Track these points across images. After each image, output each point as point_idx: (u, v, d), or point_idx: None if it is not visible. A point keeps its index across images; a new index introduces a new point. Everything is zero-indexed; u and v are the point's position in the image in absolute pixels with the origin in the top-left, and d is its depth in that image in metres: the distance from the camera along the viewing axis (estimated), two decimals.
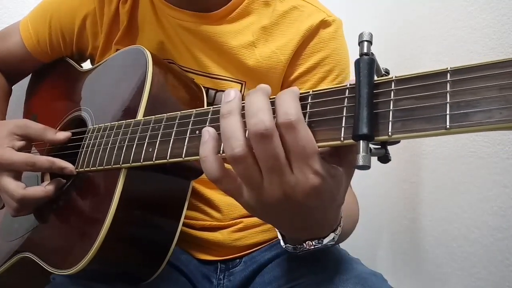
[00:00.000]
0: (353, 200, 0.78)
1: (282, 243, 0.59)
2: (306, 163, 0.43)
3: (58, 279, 0.74)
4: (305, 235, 0.55)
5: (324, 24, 0.82)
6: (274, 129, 0.43)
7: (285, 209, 0.48)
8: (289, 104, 0.43)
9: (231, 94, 0.47)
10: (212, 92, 0.85)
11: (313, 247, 0.55)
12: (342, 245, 0.83)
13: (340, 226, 0.56)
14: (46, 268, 0.72)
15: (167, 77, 0.77)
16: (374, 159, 0.42)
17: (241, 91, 0.84)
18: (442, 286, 1.03)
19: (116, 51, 0.87)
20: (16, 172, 0.76)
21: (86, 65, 0.98)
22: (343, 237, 0.62)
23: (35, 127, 0.79)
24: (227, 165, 0.47)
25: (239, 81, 0.84)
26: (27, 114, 1.02)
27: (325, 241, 0.55)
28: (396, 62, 1.22)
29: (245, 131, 0.45)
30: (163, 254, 0.71)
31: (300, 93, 0.46)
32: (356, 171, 0.52)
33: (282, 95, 0.44)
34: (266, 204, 0.48)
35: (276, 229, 0.59)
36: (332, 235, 0.55)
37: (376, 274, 0.73)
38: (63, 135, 0.79)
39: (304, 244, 0.56)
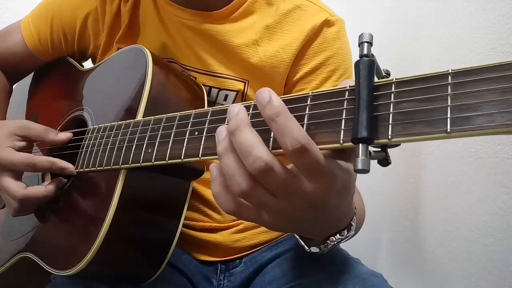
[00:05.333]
0: (357, 192, 0.78)
1: (306, 248, 0.59)
2: (319, 172, 0.43)
3: (59, 279, 0.74)
4: (329, 231, 0.55)
5: (327, 23, 0.82)
6: (273, 160, 0.42)
7: (311, 216, 0.48)
8: (292, 127, 0.41)
9: (223, 132, 0.46)
10: (215, 91, 0.85)
11: (336, 242, 0.55)
12: (342, 245, 0.83)
13: (355, 214, 0.57)
14: (46, 269, 0.72)
15: (167, 77, 0.77)
16: (374, 162, 0.42)
17: (244, 90, 0.84)
18: (442, 286, 1.03)
19: (118, 49, 0.87)
20: (16, 172, 0.76)
21: (88, 64, 0.98)
22: (358, 226, 0.62)
23: (36, 128, 0.79)
24: None
25: (242, 80, 0.84)
26: (28, 114, 1.01)
27: (346, 231, 0.55)
28: (396, 62, 1.22)
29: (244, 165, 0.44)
30: (163, 255, 0.70)
31: (299, 95, 0.46)
32: None
33: (280, 120, 0.41)
34: (289, 219, 0.48)
35: (296, 236, 0.59)
36: (351, 225, 0.56)
37: (376, 274, 0.73)
38: (64, 136, 0.79)
39: (327, 241, 0.56)
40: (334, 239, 0.55)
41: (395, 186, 1.24)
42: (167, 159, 0.57)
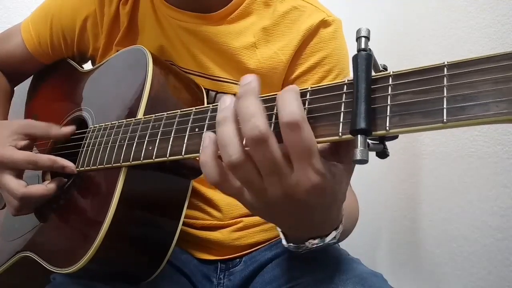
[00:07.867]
0: (353, 199, 0.78)
1: (284, 242, 0.58)
2: (308, 162, 0.43)
3: (59, 278, 0.74)
4: (308, 233, 0.55)
5: (324, 24, 0.83)
6: (269, 133, 0.42)
7: (287, 209, 0.48)
8: (292, 103, 0.42)
9: (227, 101, 0.46)
10: (212, 94, 0.85)
11: (315, 246, 0.55)
12: (342, 245, 0.83)
13: (341, 224, 0.56)
14: (47, 267, 0.72)
15: (168, 77, 0.77)
16: (372, 155, 0.42)
17: None
18: (442, 286, 1.03)
19: (117, 52, 0.87)
20: (17, 170, 0.76)
21: (88, 66, 0.99)
22: (344, 235, 0.62)
23: (38, 125, 0.80)
24: None
25: None
26: (28, 115, 1.02)
27: (327, 239, 0.55)
28: (395, 62, 1.22)
29: (241, 137, 0.44)
30: (163, 254, 0.71)
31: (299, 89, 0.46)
32: (356, 170, 0.52)
33: (284, 94, 0.43)
34: (268, 204, 0.48)
35: (278, 228, 0.59)
36: (333, 233, 0.55)
37: (376, 274, 0.73)
38: (67, 129, 0.80)
39: (306, 243, 0.55)
40: (313, 242, 0.55)
41: (395, 186, 1.24)
42: (168, 156, 0.58)
